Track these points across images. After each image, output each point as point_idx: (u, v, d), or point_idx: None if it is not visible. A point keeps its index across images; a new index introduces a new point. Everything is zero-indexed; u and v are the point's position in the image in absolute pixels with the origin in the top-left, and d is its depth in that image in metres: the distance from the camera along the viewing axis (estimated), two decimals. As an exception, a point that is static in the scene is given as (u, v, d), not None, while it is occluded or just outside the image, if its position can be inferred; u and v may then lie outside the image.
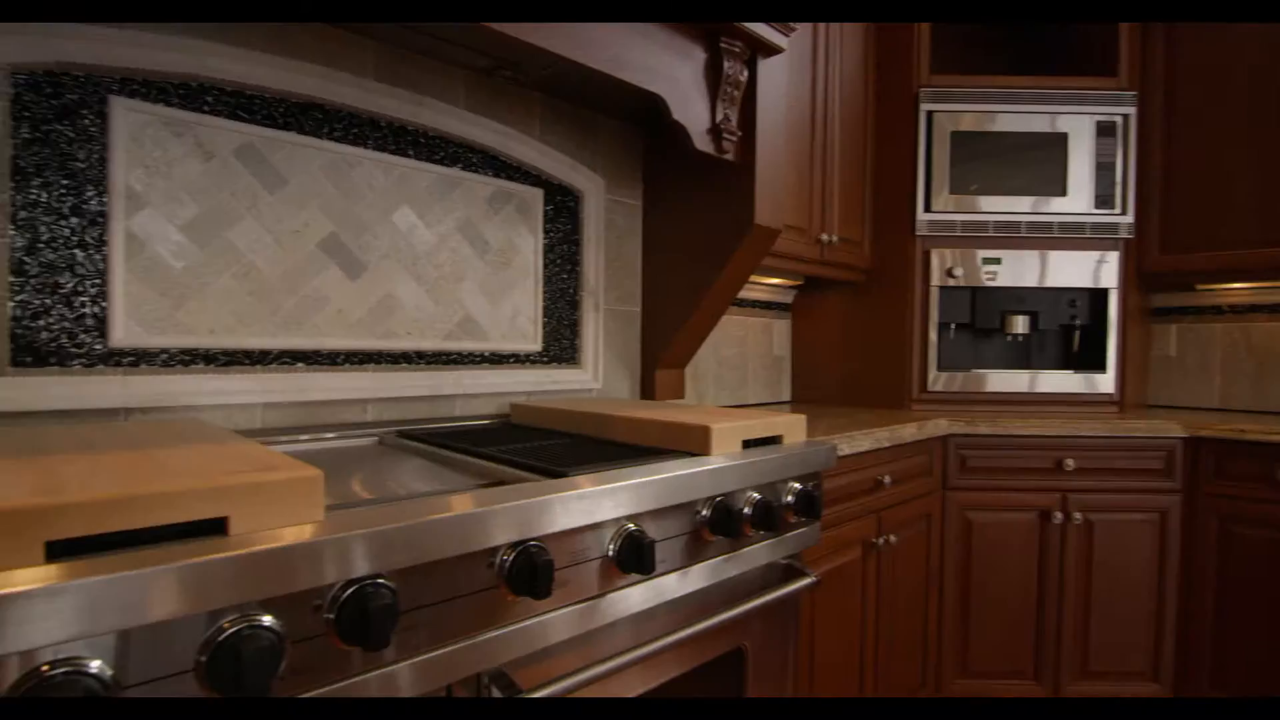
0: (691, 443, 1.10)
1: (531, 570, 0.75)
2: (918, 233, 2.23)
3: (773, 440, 1.24)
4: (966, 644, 2.04)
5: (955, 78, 2.23)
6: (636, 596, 0.93)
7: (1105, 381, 2.26)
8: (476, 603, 0.75)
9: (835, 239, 2.10)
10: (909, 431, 1.79)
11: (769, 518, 1.10)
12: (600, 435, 1.26)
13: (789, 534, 1.22)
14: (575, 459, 1.02)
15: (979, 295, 2.27)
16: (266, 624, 0.59)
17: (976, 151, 2.22)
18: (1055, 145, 2.22)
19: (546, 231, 1.63)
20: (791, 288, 2.54)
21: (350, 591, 0.64)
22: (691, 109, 1.44)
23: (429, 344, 1.42)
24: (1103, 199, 2.22)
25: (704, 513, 1.01)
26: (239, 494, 0.60)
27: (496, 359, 1.54)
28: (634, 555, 0.87)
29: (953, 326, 2.29)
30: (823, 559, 1.54)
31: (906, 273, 2.25)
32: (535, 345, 1.61)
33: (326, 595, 0.64)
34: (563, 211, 1.66)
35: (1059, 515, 2.01)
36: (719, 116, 1.48)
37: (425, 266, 1.42)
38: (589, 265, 1.71)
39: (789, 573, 1.26)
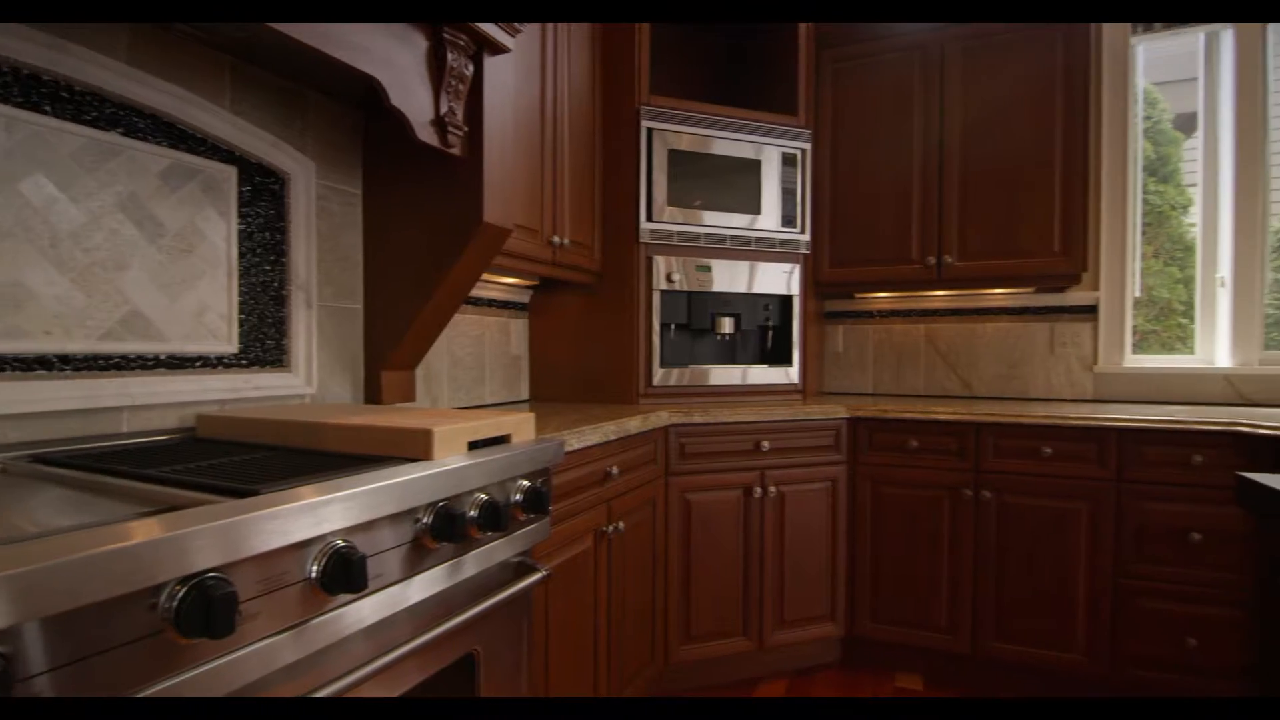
0: (412, 448, 1.05)
1: (206, 607, 0.65)
2: (641, 240, 2.40)
3: (501, 440, 1.24)
4: (689, 613, 2.25)
5: (673, 100, 2.44)
6: (351, 617, 0.86)
7: (792, 374, 2.66)
8: (135, 653, 0.63)
9: (567, 242, 2.17)
10: (634, 424, 1.92)
11: (496, 518, 1.10)
12: (309, 446, 1.15)
13: (519, 532, 1.23)
14: (272, 474, 0.91)
15: (694, 299, 2.52)
16: None
17: (692, 170, 2.46)
18: (753, 171, 2.55)
19: (243, 216, 1.43)
20: (528, 287, 2.56)
21: (-71, 667, 0.49)
22: (413, 97, 1.37)
23: (79, 345, 1.16)
24: (788, 219, 2.61)
25: (425, 520, 0.97)
26: None
27: (177, 363, 1.31)
28: (342, 574, 0.81)
29: (673, 327, 2.51)
30: (555, 552, 1.58)
31: (632, 277, 2.41)
32: (230, 346, 1.41)
33: (-111, 678, 0.48)
34: (264, 194, 1.48)
35: (759, 490, 2.31)
36: (444, 109, 1.43)
37: (71, 250, 1.15)
38: (298, 256, 1.54)
39: (521, 570, 1.27)
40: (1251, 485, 0.92)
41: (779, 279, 2.61)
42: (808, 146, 2.65)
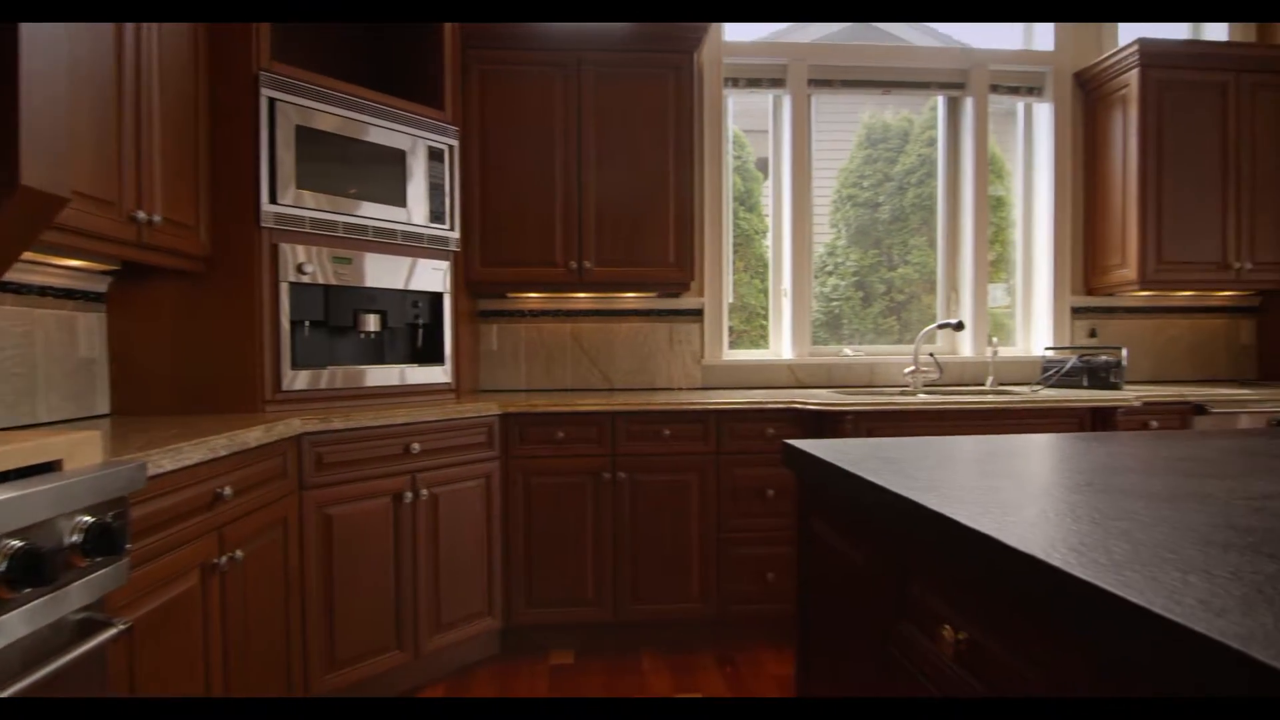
0: (-121, 489, 0.75)
1: None
2: (263, 224, 2.10)
3: (49, 467, 0.97)
4: (333, 638, 2.05)
5: (302, 72, 2.19)
6: None
7: (445, 373, 2.61)
8: None
9: (158, 219, 1.79)
10: (254, 435, 1.68)
11: (37, 569, 0.85)
12: None
13: (80, 581, 0.98)
14: None
15: (332, 293, 2.30)
16: None
17: (327, 152, 2.24)
18: (397, 161, 2.43)
19: None
20: (105, 273, 2.05)
21: None
22: (-118, 3, 0.98)
23: None
24: (436, 215, 2.56)
25: (-97, 586, 0.71)
26: None
27: None
28: None
29: (307, 324, 2.26)
30: (144, 597, 1.29)
31: (252, 265, 2.10)
32: None
33: None
34: None
35: (409, 495, 2.22)
36: (-58, 27, 1.06)
37: None
38: None
39: (85, 628, 1.01)
40: (790, 449, 1.19)
41: (430, 276, 2.55)
42: (455, 143, 2.62)
